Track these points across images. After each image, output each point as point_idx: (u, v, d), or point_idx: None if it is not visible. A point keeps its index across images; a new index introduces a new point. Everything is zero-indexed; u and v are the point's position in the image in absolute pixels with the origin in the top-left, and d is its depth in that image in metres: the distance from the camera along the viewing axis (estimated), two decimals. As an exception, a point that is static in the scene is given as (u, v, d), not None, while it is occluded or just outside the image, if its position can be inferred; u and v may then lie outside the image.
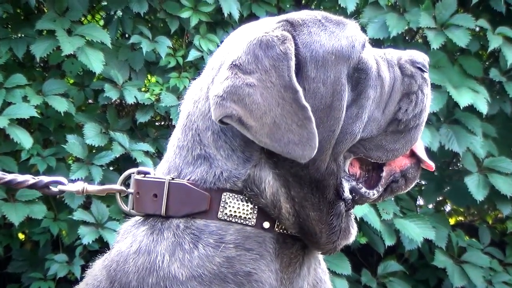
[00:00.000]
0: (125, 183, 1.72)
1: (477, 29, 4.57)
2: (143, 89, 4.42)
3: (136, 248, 1.56)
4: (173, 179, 1.59)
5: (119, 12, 4.48)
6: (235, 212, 1.55)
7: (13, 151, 4.23)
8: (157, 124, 4.92)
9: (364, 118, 1.59)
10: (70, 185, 1.73)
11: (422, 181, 5.00)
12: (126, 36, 4.67)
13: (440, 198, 5.52)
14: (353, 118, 1.58)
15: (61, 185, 1.73)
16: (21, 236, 4.92)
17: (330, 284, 1.78)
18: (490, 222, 5.81)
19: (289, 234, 1.58)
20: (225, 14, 4.24)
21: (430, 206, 5.35)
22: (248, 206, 1.55)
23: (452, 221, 5.82)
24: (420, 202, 5.31)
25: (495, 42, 4.25)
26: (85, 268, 1.79)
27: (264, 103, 1.47)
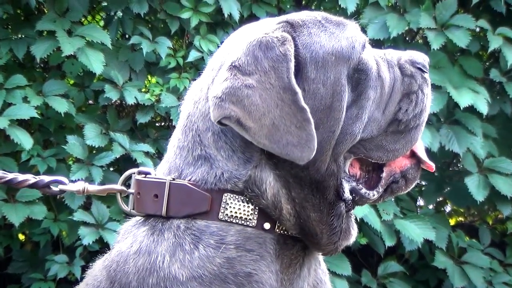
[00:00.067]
0: (126, 183, 1.72)
1: (477, 30, 4.57)
2: (143, 89, 4.42)
3: (136, 249, 1.56)
4: (174, 179, 1.59)
5: (119, 13, 4.48)
6: (236, 213, 1.55)
7: (14, 151, 4.23)
8: (157, 124, 4.92)
9: (364, 119, 1.59)
10: (71, 185, 1.73)
11: (422, 182, 5.00)
12: (126, 36, 4.67)
13: (440, 199, 5.51)
14: (353, 119, 1.58)
15: (62, 184, 1.73)
16: (21, 236, 4.92)
17: (330, 285, 1.78)
18: (491, 222, 5.81)
19: (289, 235, 1.58)
20: (225, 14, 4.24)
21: (430, 206, 5.35)
22: (249, 207, 1.55)
23: (452, 221, 5.81)
24: (420, 202, 5.31)
25: (495, 43, 4.25)
26: (85, 269, 1.79)
27: (263, 105, 1.47)
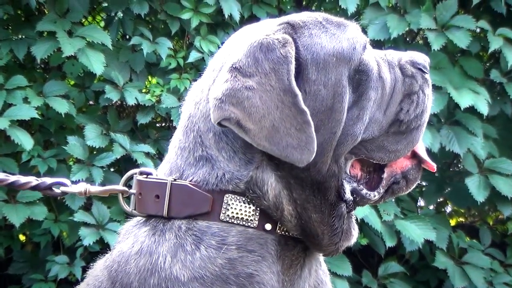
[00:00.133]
0: (127, 184, 1.72)
1: (478, 30, 4.57)
2: (144, 90, 4.42)
3: (137, 249, 1.56)
4: (175, 180, 1.59)
5: (120, 14, 4.48)
6: (237, 213, 1.54)
7: (14, 152, 4.23)
8: (157, 125, 4.93)
9: (366, 120, 1.59)
10: (73, 187, 1.73)
11: (423, 182, 5.00)
12: (127, 37, 4.67)
13: (441, 199, 5.52)
14: (354, 120, 1.58)
15: (64, 186, 1.73)
16: (22, 237, 4.92)
17: (331, 286, 1.78)
18: (491, 223, 5.81)
19: (290, 236, 1.58)
20: (226, 15, 4.24)
21: (431, 207, 5.35)
22: (250, 208, 1.55)
23: (452, 222, 5.82)
24: (421, 203, 5.30)
25: (495, 43, 4.25)
26: (86, 269, 1.79)
27: (263, 107, 1.47)
